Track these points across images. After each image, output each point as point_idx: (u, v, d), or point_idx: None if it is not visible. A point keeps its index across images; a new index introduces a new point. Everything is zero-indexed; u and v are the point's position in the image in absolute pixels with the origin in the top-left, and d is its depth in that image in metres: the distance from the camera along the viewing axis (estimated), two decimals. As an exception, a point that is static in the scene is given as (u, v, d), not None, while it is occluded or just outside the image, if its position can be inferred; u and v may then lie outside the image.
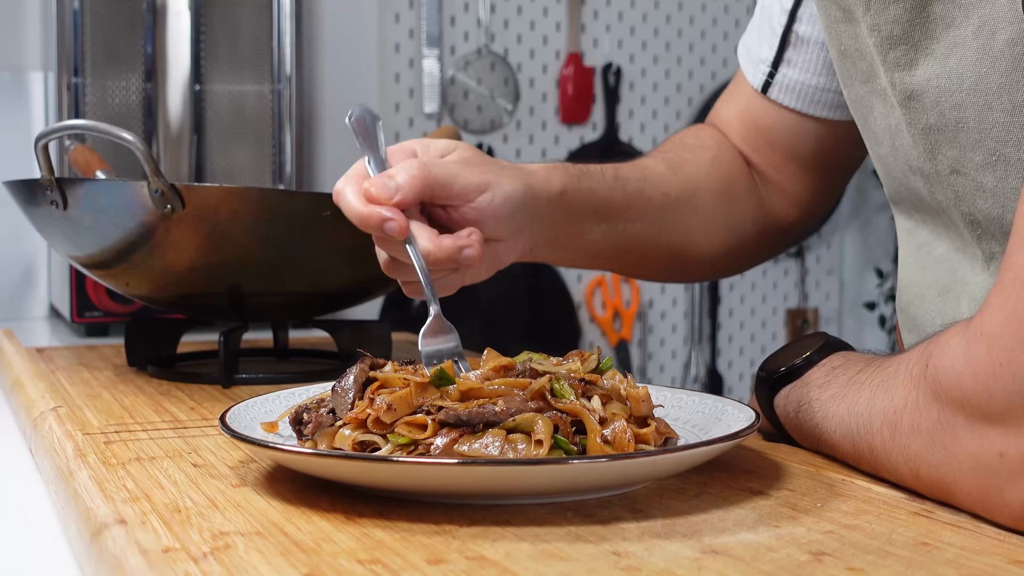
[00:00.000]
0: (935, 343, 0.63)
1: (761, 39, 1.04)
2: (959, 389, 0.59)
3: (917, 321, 0.87)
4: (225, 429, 0.67)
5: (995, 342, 0.57)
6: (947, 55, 0.73)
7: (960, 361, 0.59)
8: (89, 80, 1.65)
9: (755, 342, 2.90)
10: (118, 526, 0.59)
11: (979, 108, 0.72)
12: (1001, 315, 0.57)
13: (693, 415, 0.76)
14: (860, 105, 0.86)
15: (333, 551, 0.55)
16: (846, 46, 0.84)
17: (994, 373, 0.57)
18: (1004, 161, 0.73)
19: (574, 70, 2.59)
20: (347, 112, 0.86)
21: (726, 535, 0.58)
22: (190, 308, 1.15)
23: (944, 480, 0.62)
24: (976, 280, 0.80)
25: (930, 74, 0.75)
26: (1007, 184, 0.73)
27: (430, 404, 0.66)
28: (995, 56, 0.70)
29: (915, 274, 0.87)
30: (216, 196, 0.99)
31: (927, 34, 0.74)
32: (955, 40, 0.73)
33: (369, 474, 0.61)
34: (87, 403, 0.96)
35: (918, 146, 0.78)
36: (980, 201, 0.75)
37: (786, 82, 1.02)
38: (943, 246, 0.83)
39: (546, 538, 0.57)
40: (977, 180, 0.75)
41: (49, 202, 1.03)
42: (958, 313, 0.81)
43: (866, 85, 0.84)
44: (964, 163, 0.75)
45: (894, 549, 0.56)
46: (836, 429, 0.71)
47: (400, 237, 0.80)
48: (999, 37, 0.70)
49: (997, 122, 0.72)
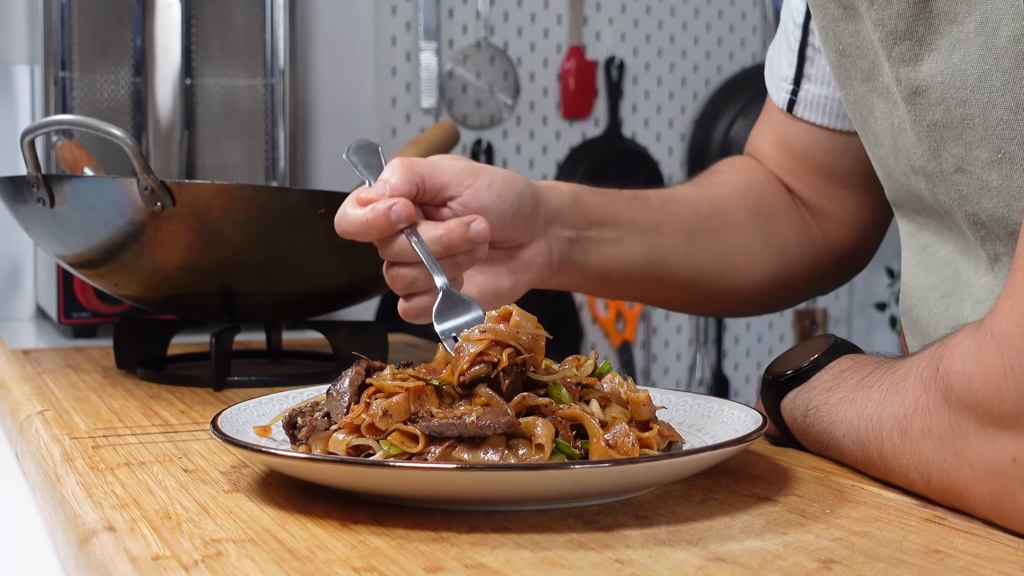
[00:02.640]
0: (945, 346, 0.63)
1: (781, 57, 1.04)
2: (970, 393, 0.59)
3: (920, 324, 0.87)
4: (217, 433, 0.67)
5: (1006, 344, 0.57)
6: (951, 51, 0.74)
7: (971, 364, 0.59)
8: (77, 74, 1.65)
9: (762, 344, 2.90)
10: (106, 533, 0.59)
11: (984, 105, 0.73)
12: (1012, 317, 0.57)
13: (698, 419, 0.76)
14: (859, 106, 0.86)
15: (328, 559, 0.55)
16: (845, 45, 0.84)
17: (1005, 376, 0.57)
18: (1009, 159, 0.73)
19: (576, 64, 2.59)
20: (344, 147, 0.88)
21: (732, 542, 0.58)
22: (181, 309, 1.15)
23: (956, 486, 0.62)
24: (980, 282, 0.80)
25: (935, 70, 0.75)
26: (1012, 182, 0.73)
27: (426, 411, 0.66)
28: (998, 53, 0.71)
29: (918, 277, 0.87)
30: (207, 193, 0.99)
31: (931, 29, 0.75)
32: (958, 36, 0.73)
33: (365, 480, 0.61)
34: (75, 406, 0.96)
35: (922, 144, 0.78)
36: (985, 200, 0.75)
37: (809, 98, 1.02)
38: (946, 248, 0.84)
39: (547, 545, 0.57)
40: (982, 178, 0.75)
41: (36, 199, 1.03)
42: (961, 316, 0.81)
43: (866, 84, 0.84)
44: (969, 161, 0.75)
45: (905, 557, 0.56)
46: (845, 434, 0.71)
47: (408, 220, 0.81)
48: (1002, 33, 0.70)
49: (1001, 119, 0.72)
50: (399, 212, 0.81)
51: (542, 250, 0.91)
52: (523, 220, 0.88)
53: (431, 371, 0.70)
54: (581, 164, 2.59)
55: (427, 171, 0.84)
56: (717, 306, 1.10)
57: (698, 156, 2.68)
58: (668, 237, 0.99)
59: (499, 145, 2.55)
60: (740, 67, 2.74)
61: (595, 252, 0.95)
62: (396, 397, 0.66)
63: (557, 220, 0.92)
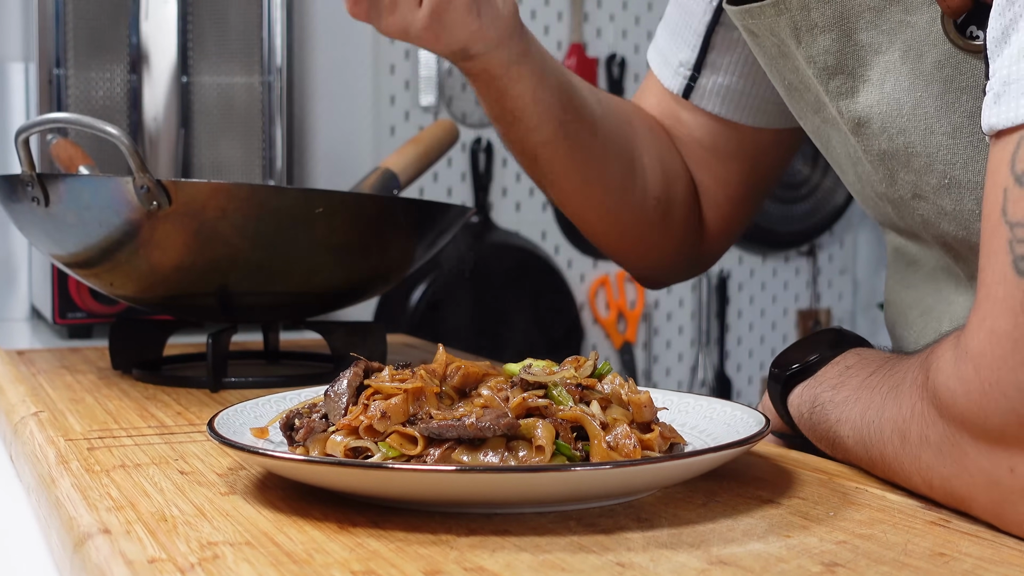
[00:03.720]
0: (934, 354, 0.63)
1: (679, 39, 1.04)
2: (956, 408, 0.59)
3: (903, 342, 0.87)
4: (213, 435, 0.67)
5: (981, 361, 0.57)
6: (882, 81, 0.74)
7: (953, 380, 0.59)
8: (72, 71, 1.65)
9: (765, 344, 2.90)
10: (102, 536, 0.59)
11: (922, 132, 0.73)
12: (982, 333, 0.57)
13: (700, 420, 0.76)
14: (818, 136, 0.87)
15: (325, 562, 0.55)
16: (789, 80, 0.85)
17: (985, 393, 0.57)
18: (956, 184, 0.73)
19: (576, 61, 2.59)
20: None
21: (735, 545, 0.58)
22: (177, 309, 1.15)
23: (958, 492, 0.62)
24: (960, 300, 0.80)
25: (871, 100, 0.75)
26: (964, 207, 0.74)
27: (424, 412, 0.66)
28: (927, 79, 0.71)
29: (898, 293, 0.88)
30: (204, 192, 0.99)
31: (860, 61, 0.75)
32: (887, 66, 0.73)
33: (363, 482, 0.61)
34: (70, 408, 0.96)
35: (878, 172, 0.79)
36: (944, 224, 0.76)
37: (711, 86, 1.02)
38: (928, 265, 0.84)
39: (547, 548, 0.57)
40: (937, 204, 0.75)
41: (30, 199, 1.03)
42: (939, 335, 0.81)
43: (818, 115, 0.84)
44: (922, 187, 0.76)
45: (910, 560, 0.56)
46: (849, 434, 0.71)
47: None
48: (926, 60, 0.70)
49: (941, 145, 0.72)
50: None
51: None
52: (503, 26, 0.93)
53: (431, 373, 0.70)
54: (582, 162, 2.59)
55: None
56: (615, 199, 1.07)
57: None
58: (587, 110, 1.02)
59: (499, 144, 2.55)
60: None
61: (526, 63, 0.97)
62: (394, 399, 0.66)
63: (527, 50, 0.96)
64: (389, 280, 1.14)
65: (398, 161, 1.30)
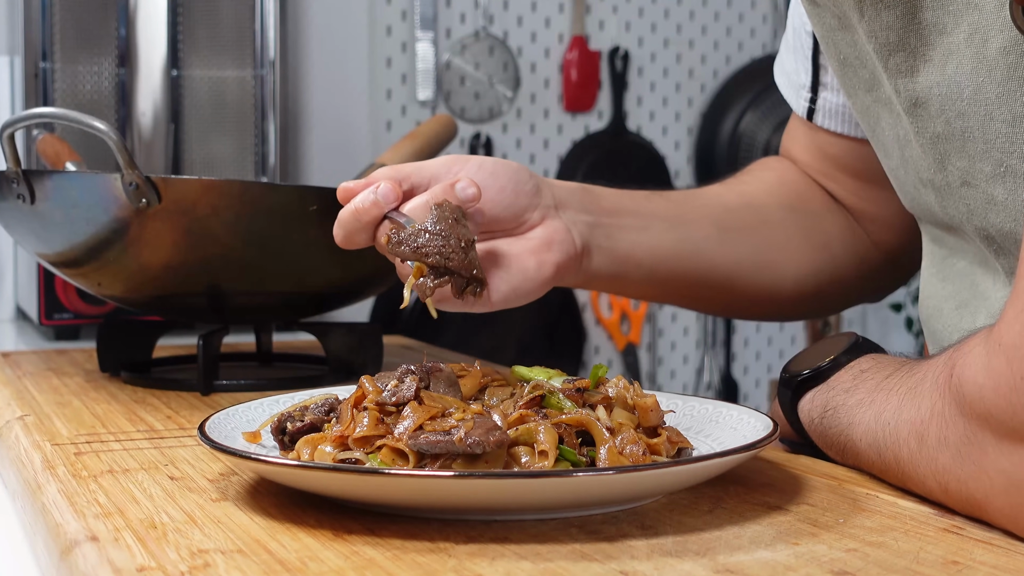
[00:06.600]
0: (959, 351, 0.63)
1: (797, 65, 1.04)
2: (982, 404, 0.59)
3: (937, 336, 0.87)
4: (204, 439, 0.67)
5: (1014, 354, 0.57)
6: (944, 62, 0.74)
7: (981, 374, 0.59)
8: (58, 65, 1.65)
9: (773, 346, 2.90)
10: (89, 543, 0.59)
11: (981, 118, 0.73)
12: (1018, 326, 0.57)
13: (706, 424, 0.76)
14: (867, 116, 0.87)
15: (320, 570, 0.55)
16: (845, 55, 0.85)
17: (1016, 387, 0.57)
18: (1012, 173, 0.73)
19: (579, 54, 2.59)
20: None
21: (741, 553, 0.58)
22: (167, 309, 1.15)
23: (975, 496, 0.62)
24: (997, 295, 0.80)
25: (931, 81, 0.75)
26: (1017, 196, 0.73)
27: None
28: (990, 65, 0.71)
29: (934, 286, 0.87)
30: (194, 189, 0.99)
31: (922, 40, 0.75)
32: (949, 47, 0.73)
33: (359, 488, 0.61)
34: (56, 411, 0.96)
35: (928, 156, 0.79)
36: (992, 215, 0.76)
37: (828, 107, 1.01)
38: (966, 259, 0.84)
39: (549, 556, 0.57)
40: (988, 192, 0.75)
41: (15, 196, 1.03)
42: (975, 328, 0.81)
43: (870, 94, 0.84)
44: (974, 174, 0.75)
45: (922, 568, 0.56)
46: (862, 438, 0.71)
47: (394, 198, 0.82)
48: (991, 45, 0.70)
49: (1000, 132, 0.72)
50: (385, 191, 0.81)
51: (558, 227, 0.90)
52: (525, 196, 0.88)
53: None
54: (584, 159, 2.59)
55: (412, 168, 0.85)
56: (761, 307, 1.08)
57: (706, 150, 2.68)
58: (698, 228, 0.98)
59: (499, 139, 2.55)
60: (750, 58, 2.74)
61: (621, 238, 0.94)
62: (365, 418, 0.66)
63: (568, 205, 0.91)
64: (386, 280, 1.14)
65: (395, 157, 1.30)
